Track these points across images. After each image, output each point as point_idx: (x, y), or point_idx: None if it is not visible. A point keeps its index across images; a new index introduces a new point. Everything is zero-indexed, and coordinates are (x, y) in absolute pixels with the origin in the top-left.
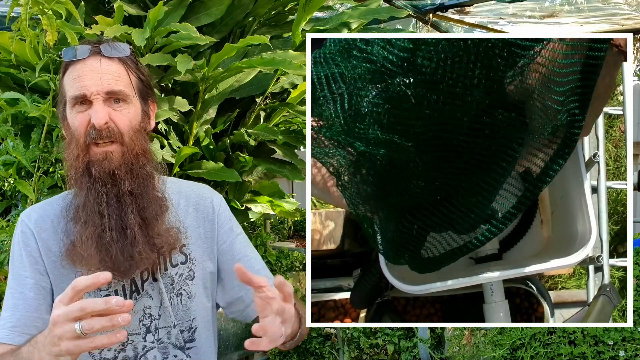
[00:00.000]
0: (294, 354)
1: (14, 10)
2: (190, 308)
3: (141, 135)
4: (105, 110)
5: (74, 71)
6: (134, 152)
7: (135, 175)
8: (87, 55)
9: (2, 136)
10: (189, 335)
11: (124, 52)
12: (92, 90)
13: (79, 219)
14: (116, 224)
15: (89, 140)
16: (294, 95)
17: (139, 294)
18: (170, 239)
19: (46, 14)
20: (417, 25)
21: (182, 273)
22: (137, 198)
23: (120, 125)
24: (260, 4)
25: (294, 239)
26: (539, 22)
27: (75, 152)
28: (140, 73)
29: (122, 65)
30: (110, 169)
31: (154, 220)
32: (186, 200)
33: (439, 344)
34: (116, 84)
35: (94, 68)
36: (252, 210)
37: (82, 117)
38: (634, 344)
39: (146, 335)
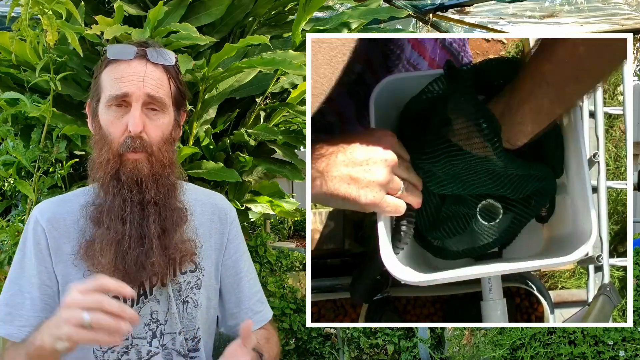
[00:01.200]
0: (294, 354)
1: (14, 10)
2: (195, 317)
3: (170, 146)
4: (142, 118)
5: (117, 71)
6: (161, 163)
7: (161, 185)
8: (132, 57)
9: (2, 136)
10: (192, 344)
11: (170, 60)
12: (134, 93)
13: (102, 223)
14: (136, 232)
15: (124, 149)
16: (294, 95)
17: (147, 297)
18: (186, 251)
19: (46, 14)
20: (417, 25)
21: (190, 281)
22: (160, 208)
23: (152, 136)
24: (260, 4)
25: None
26: (539, 22)
27: (106, 156)
28: (179, 82)
29: (165, 73)
30: (138, 177)
31: (172, 231)
32: (202, 209)
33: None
34: (157, 91)
35: (138, 71)
36: (252, 210)
37: (119, 123)
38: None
39: (152, 340)
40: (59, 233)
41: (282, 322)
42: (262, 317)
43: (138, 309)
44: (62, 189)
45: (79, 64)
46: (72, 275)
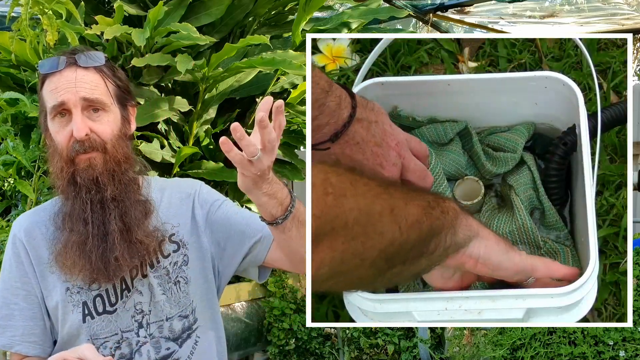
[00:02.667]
0: (294, 354)
1: (14, 10)
2: (189, 292)
3: (122, 142)
4: (85, 122)
5: (51, 83)
6: (116, 160)
7: (118, 181)
8: (63, 67)
9: (2, 136)
10: (193, 317)
11: (100, 60)
12: (70, 100)
13: (65, 228)
14: (99, 230)
15: (73, 153)
16: (294, 95)
17: (129, 291)
18: (154, 241)
19: (46, 14)
20: (417, 25)
21: (176, 261)
22: (120, 203)
23: (102, 135)
24: (260, 4)
25: None
26: (539, 22)
27: (59, 164)
28: (117, 79)
29: (98, 74)
30: (93, 176)
31: (135, 225)
32: (169, 192)
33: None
34: (92, 93)
35: (70, 79)
36: (252, 210)
37: (64, 132)
38: (634, 344)
39: (139, 330)
40: (36, 242)
41: (282, 322)
42: (268, 234)
43: (123, 304)
44: None
45: None
46: (53, 281)
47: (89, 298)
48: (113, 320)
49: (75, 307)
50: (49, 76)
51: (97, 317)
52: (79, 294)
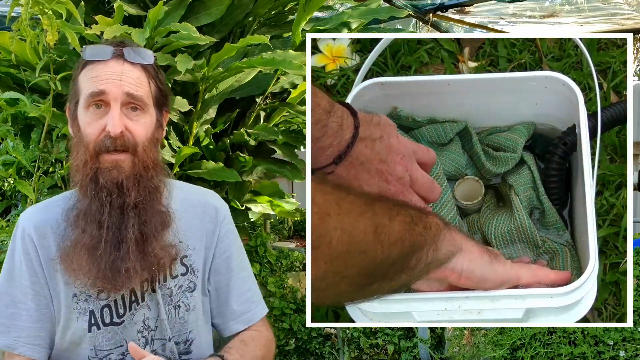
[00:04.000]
0: (294, 354)
1: (14, 10)
2: (187, 321)
3: (154, 146)
4: (122, 119)
5: (93, 71)
6: (145, 164)
7: (143, 187)
8: (109, 57)
9: (2, 136)
10: (185, 347)
11: (148, 59)
12: (112, 91)
13: (78, 227)
14: (113, 236)
15: (102, 149)
16: (294, 95)
17: (139, 304)
18: (167, 257)
19: (46, 14)
20: (417, 25)
21: (181, 285)
22: (141, 211)
23: (137, 136)
24: (260, 4)
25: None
26: (539, 22)
27: (83, 157)
28: (159, 81)
29: (143, 72)
30: (118, 179)
31: (152, 236)
32: (192, 209)
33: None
34: (137, 90)
35: (115, 71)
36: (252, 210)
37: (96, 124)
38: (634, 344)
39: (145, 347)
40: (47, 241)
41: (282, 322)
42: (251, 317)
43: (131, 316)
44: (62, 189)
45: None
46: (57, 281)
47: (96, 307)
48: (119, 332)
49: (81, 315)
50: (90, 63)
51: (104, 328)
52: (86, 302)
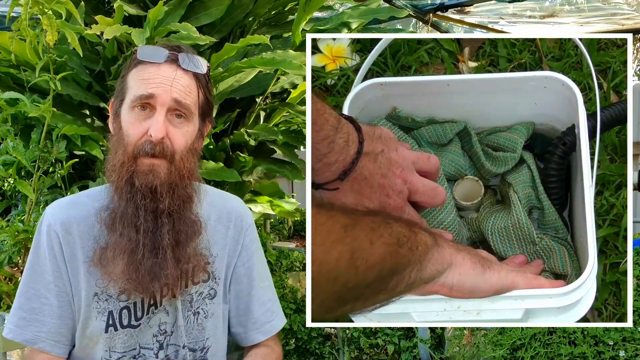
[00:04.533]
0: (294, 354)
1: (14, 10)
2: (205, 328)
3: (191, 156)
4: (165, 125)
5: (145, 72)
6: (181, 173)
7: (177, 196)
8: (162, 60)
9: (2, 136)
10: (201, 355)
11: (201, 68)
12: (160, 96)
13: (115, 230)
14: (150, 241)
15: (142, 153)
16: (294, 95)
17: (157, 308)
18: (198, 264)
19: (46, 14)
20: (417, 25)
21: (202, 291)
22: (175, 220)
23: (176, 144)
24: (260, 4)
25: (294, 239)
26: (539, 22)
27: (121, 158)
28: (207, 91)
29: (194, 80)
30: (153, 184)
31: (185, 244)
32: (217, 215)
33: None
34: (185, 98)
35: (167, 75)
36: (252, 210)
37: (140, 126)
38: (634, 344)
39: (158, 351)
40: (72, 238)
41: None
42: (271, 328)
43: (148, 319)
44: (61, 189)
45: (78, 64)
46: (80, 278)
47: (115, 308)
48: (135, 335)
49: (100, 315)
50: (143, 64)
51: (121, 329)
52: (106, 302)
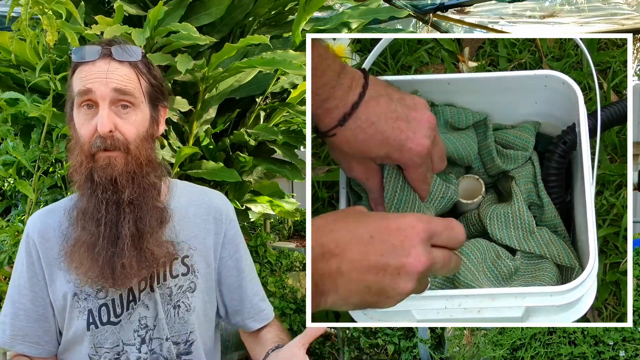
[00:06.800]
0: None
1: (14, 10)
2: (187, 321)
3: (147, 143)
4: (110, 118)
5: (82, 72)
6: (138, 161)
7: (137, 184)
8: (96, 57)
9: (2, 136)
10: (185, 347)
11: (136, 55)
12: (98, 90)
13: (78, 225)
14: (110, 232)
15: (94, 149)
16: (294, 95)
17: (136, 303)
18: (165, 254)
19: (46, 14)
20: (417, 25)
21: (181, 285)
22: (136, 208)
23: (127, 134)
24: (260, 4)
25: (294, 239)
26: (539, 22)
27: (79, 158)
28: (152, 77)
29: (132, 69)
30: (112, 176)
31: (148, 232)
32: (195, 209)
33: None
34: (126, 85)
35: (102, 70)
36: (252, 210)
37: (88, 125)
38: (634, 344)
39: (141, 346)
40: (50, 244)
41: (282, 322)
42: (266, 316)
43: (128, 315)
44: (62, 189)
45: None
46: (59, 284)
47: (94, 306)
48: (116, 332)
49: (81, 314)
50: (80, 65)
51: (101, 327)
52: (85, 301)
